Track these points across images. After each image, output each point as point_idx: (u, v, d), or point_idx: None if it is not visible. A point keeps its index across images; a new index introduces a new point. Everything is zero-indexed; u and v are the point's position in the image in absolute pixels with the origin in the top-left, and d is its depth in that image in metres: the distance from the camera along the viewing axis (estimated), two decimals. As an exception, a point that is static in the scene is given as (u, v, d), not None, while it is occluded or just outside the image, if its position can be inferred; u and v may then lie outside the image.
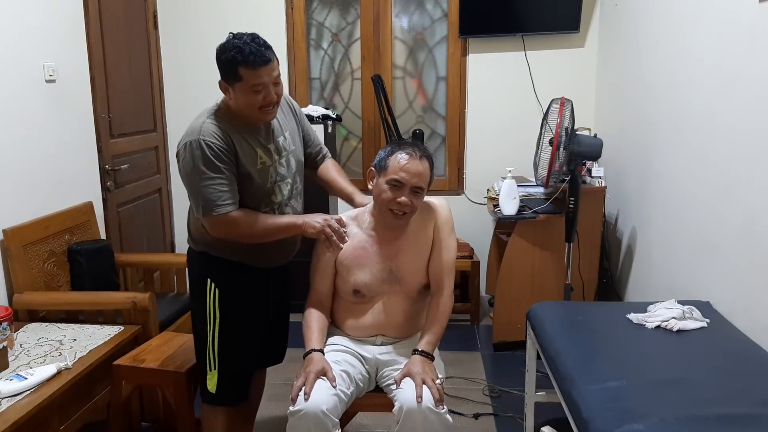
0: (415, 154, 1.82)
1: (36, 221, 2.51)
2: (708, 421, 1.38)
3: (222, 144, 1.75)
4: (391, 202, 1.81)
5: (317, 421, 1.64)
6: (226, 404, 1.98)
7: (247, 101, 1.76)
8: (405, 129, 3.80)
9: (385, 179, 1.82)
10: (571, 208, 2.80)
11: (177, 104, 3.88)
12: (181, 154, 1.78)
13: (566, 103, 2.73)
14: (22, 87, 2.52)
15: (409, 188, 1.80)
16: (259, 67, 1.70)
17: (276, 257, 1.99)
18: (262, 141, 1.86)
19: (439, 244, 1.91)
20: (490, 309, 3.57)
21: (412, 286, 1.93)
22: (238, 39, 1.71)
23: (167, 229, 3.89)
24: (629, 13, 3.18)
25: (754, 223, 1.90)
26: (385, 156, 1.85)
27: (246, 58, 1.69)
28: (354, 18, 3.90)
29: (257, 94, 1.74)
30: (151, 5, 3.68)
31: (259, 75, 1.71)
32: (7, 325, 2.00)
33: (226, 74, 1.75)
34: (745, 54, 1.98)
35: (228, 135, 1.77)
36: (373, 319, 1.94)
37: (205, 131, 1.75)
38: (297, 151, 1.98)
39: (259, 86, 1.73)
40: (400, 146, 1.85)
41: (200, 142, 1.73)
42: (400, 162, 1.80)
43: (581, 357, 1.77)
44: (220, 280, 1.91)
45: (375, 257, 1.90)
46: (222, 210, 1.76)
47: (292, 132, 1.98)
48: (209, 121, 1.78)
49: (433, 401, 1.68)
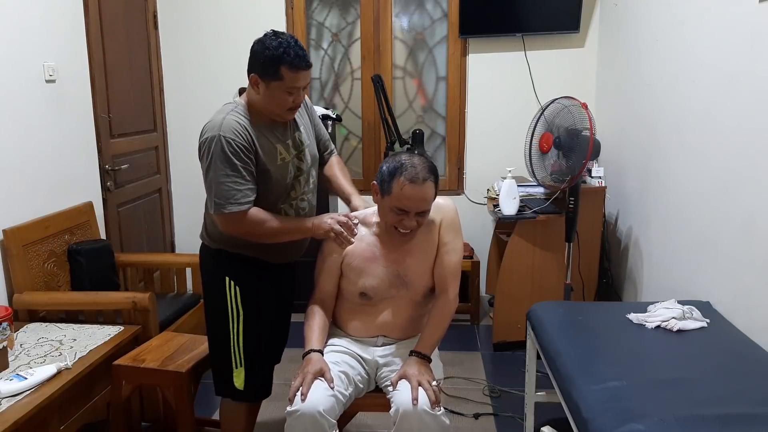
0: (418, 178, 1.74)
1: (36, 221, 2.51)
2: (708, 421, 1.38)
3: (242, 141, 1.76)
4: (396, 224, 1.80)
5: (314, 421, 1.64)
6: (254, 400, 2.03)
7: (278, 100, 1.78)
8: (405, 129, 3.80)
9: (389, 204, 1.78)
10: (571, 208, 2.80)
11: (177, 104, 3.88)
12: (202, 149, 1.79)
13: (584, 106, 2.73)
14: (22, 87, 2.52)
15: (413, 213, 1.78)
16: (301, 70, 1.74)
17: (290, 252, 2.01)
18: (280, 136, 1.87)
19: (444, 245, 1.90)
20: (490, 309, 3.58)
21: (419, 289, 1.92)
22: (281, 39, 1.73)
23: (167, 229, 3.89)
24: (629, 13, 3.18)
25: (754, 223, 1.90)
26: (389, 178, 1.77)
27: (292, 60, 1.71)
28: (354, 18, 3.90)
29: (290, 95, 1.77)
30: (151, 5, 3.68)
31: (299, 78, 1.75)
32: (7, 325, 2.00)
33: (264, 71, 1.74)
34: (745, 54, 1.98)
35: (248, 132, 1.78)
36: (377, 320, 1.93)
37: (225, 127, 1.75)
38: (312, 146, 2.00)
39: (295, 88, 1.76)
40: (403, 168, 1.75)
41: (221, 138, 1.74)
42: (405, 190, 1.74)
43: (581, 357, 1.77)
44: (240, 277, 1.92)
45: (383, 260, 1.89)
46: (234, 208, 1.77)
47: (306, 127, 1.99)
48: (231, 117, 1.78)
49: (429, 403, 1.67)
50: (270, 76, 1.74)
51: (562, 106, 2.76)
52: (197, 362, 2.09)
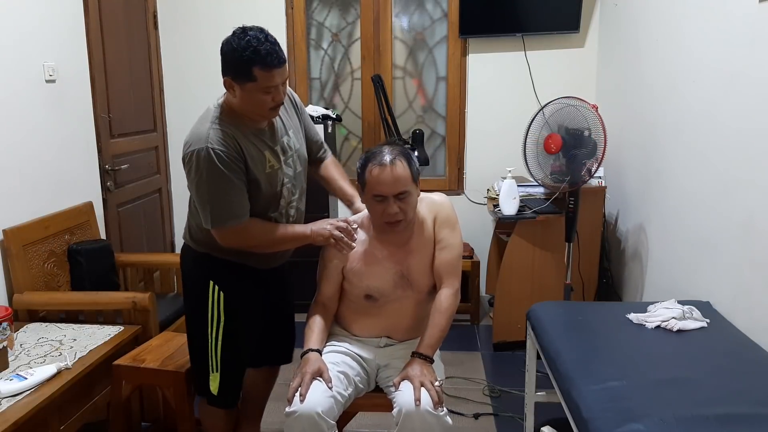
0: (385, 161, 1.74)
1: (36, 221, 2.51)
2: (708, 421, 1.38)
3: (231, 151, 1.69)
4: (382, 215, 1.79)
5: (312, 422, 1.64)
6: (227, 407, 1.98)
7: (256, 102, 1.70)
8: (405, 129, 3.80)
9: (369, 196, 1.79)
10: (571, 208, 2.80)
11: (177, 104, 3.88)
12: (189, 163, 1.71)
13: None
14: (22, 87, 2.52)
15: (391, 198, 1.76)
16: (274, 68, 1.65)
17: (277, 257, 1.98)
18: (268, 143, 1.80)
19: (439, 242, 1.89)
20: (490, 309, 3.58)
21: (422, 288, 1.92)
22: (249, 36, 1.62)
23: (167, 229, 3.89)
24: (629, 13, 3.18)
25: (754, 223, 1.90)
26: (361, 171, 1.79)
27: (263, 60, 1.62)
28: (354, 18, 3.90)
29: (268, 94, 1.68)
30: (151, 5, 3.68)
31: (273, 77, 1.66)
32: (7, 325, 2.00)
33: (237, 73, 1.66)
34: (745, 54, 1.98)
35: (236, 141, 1.71)
36: (381, 321, 1.93)
37: (212, 138, 1.68)
38: (301, 150, 1.94)
39: (271, 87, 1.67)
40: (370, 156, 1.78)
41: (209, 151, 1.66)
42: (375, 175, 1.74)
43: (581, 357, 1.77)
44: (225, 283, 1.88)
45: (385, 262, 1.88)
46: (233, 222, 1.73)
47: (295, 129, 1.93)
48: (216, 126, 1.70)
49: (431, 404, 1.67)
50: (243, 78, 1.65)
51: (570, 107, 2.71)
52: (197, 362, 2.09)
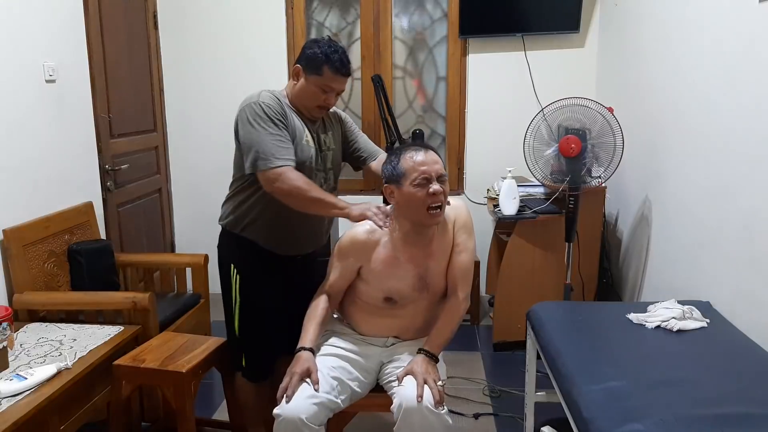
0: (420, 148, 1.83)
1: (36, 221, 2.51)
2: (708, 421, 1.38)
3: (279, 109, 1.90)
4: (426, 199, 1.77)
5: (295, 428, 1.66)
6: (255, 380, 2.13)
7: (311, 94, 1.94)
8: (405, 129, 3.80)
9: (410, 182, 1.78)
10: (571, 208, 2.80)
11: (177, 104, 3.88)
12: (240, 116, 1.91)
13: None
14: (22, 87, 2.52)
15: (435, 178, 1.79)
16: (340, 75, 1.93)
17: (305, 245, 2.09)
18: (307, 125, 2.00)
19: (457, 246, 1.91)
20: (490, 309, 3.58)
21: (437, 290, 1.93)
22: (334, 46, 1.92)
23: (167, 229, 3.89)
24: (629, 13, 3.18)
25: (754, 223, 1.90)
26: (396, 165, 1.82)
27: (335, 63, 1.90)
28: (354, 18, 3.90)
29: (324, 93, 1.94)
30: (151, 5, 3.68)
31: (336, 81, 1.93)
32: (7, 325, 1.99)
33: (308, 64, 1.92)
34: (745, 54, 1.98)
35: (282, 106, 1.93)
36: (393, 322, 1.94)
37: (263, 97, 1.91)
38: (336, 152, 2.11)
39: (329, 88, 1.93)
40: (403, 150, 1.84)
41: (260, 104, 1.88)
42: (416, 160, 1.79)
43: (581, 357, 1.77)
44: (243, 267, 2.03)
45: (406, 264, 1.88)
46: (281, 162, 1.85)
47: (335, 135, 2.11)
48: (267, 93, 1.94)
49: (432, 402, 1.68)
50: (312, 70, 1.91)
51: (588, 109, 2.68)
52: (197, 362, 2.09)
